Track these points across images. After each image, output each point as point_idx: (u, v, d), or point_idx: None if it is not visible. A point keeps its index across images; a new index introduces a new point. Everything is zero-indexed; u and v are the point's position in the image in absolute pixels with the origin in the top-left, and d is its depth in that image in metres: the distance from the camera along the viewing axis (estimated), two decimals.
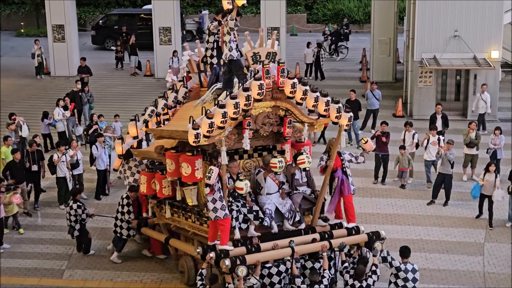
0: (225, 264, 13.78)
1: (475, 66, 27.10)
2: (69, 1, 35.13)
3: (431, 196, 20.64)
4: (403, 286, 13.84)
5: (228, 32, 14.84)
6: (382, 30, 32.75)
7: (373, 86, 26.63)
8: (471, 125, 22.06)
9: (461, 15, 27.17)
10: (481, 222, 19.33)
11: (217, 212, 14.14)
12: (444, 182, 20.40)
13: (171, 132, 15.29)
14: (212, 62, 15.93)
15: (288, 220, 15.31)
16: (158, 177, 16.03)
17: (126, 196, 17.32)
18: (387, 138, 21.73)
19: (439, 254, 17.62)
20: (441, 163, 20.37)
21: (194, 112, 15.15)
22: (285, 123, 15.08)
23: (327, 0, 48.38)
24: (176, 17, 34.60)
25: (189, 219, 15.79)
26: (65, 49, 35.14)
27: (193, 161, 14.65)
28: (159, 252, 17.53)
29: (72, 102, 25.82)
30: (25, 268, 17.33)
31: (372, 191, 21.42)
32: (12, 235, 19.07)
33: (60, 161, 20.36)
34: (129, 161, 17.54)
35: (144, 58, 35.80)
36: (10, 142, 21.26)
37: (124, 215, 17.23)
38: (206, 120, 13.78)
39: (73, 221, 17.45)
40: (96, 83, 32.54)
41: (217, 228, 14.45)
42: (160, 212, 16.81)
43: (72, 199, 17.74)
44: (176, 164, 15.11)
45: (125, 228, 17.25)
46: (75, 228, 17.52)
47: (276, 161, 14.91)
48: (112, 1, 49.19)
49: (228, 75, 15.29)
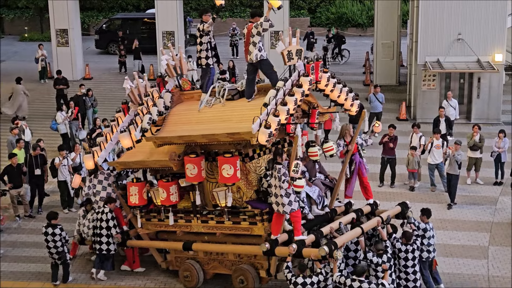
0: (324, 251, 13.88)
1: (478, 69, 27.07)
2: (73, 6, 35.21)
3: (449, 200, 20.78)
4: (427, 244, 15.42)
5: (258, 33, 14.96)
6: (386, 33, 32.77)
7: (377, 89, 26.64)
8: (474, 128, 22.06)
9: (465, 18, 27.17)
10: (485, 225, 19.30)
11: (292, 205, 14.41)
12: (450, 182, 20.44)
13: (193, 137, 14.95)
14: (208, 63, 15.92)
15: (317, 205, 15.92)
16: (164, 185, 15.76)
17: (109, 210, 16.53)
18: (394, 143, 21.79)
19: (443, 257, 17.57)
20: (449, 163, 20.41)
21: (200, 115, 15.40)
22: (314, 114, 15.55)
23: (330, 4, 48.41)
24: (179, 21, 34.65)
25: (211, 221, 15.70)
26: (68, 53, 35.19)
27: (235, 162, 14.75)
28: (137, 265, 17.19)
29: (75, 106, 25.87)
30: (29, 272, 17.36)
31: (376, 195, 21.31)
32: (16, 239, 19.11)
33: (62, 165, 20.41)
34: (97, 175, 16.91)
35: (147, 62, 35.85)
36: (22, 144, 21.32)
37: (111, 230, 16.50)
38: (274, 118, 14.04)
39: (59, 246, 16.23)
40: (99, 87, 32.58)
41: (281, 221, 14.76)
42: (149, 222, 16.52)
43: (50, 225, 16.25)
44: (198, 168, 15.10)
45: (112, 243, 16.59)
46: (65, 251, 16.42)
47: (315, 150, 15.82)
48: (116, 6, 49.26)
49: (252, 75, 15.43)
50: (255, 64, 15.20)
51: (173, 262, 16.80)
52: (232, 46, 40.23)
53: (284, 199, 14.35)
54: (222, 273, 16.37)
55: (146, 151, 16.18)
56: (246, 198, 15.33)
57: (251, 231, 15.34)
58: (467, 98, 28.25)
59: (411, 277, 14.84)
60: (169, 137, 15.35)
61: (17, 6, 48.73)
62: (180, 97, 16.49)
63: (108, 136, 16.77)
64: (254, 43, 15.01)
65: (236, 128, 14.45)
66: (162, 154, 15.82)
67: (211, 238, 16.08)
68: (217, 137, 14.69)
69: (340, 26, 44.90)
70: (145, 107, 15.72)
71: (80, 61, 35.71)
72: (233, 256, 15.99)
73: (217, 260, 16.25)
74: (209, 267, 16.39)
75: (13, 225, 19.95)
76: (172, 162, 15.24)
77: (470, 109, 28.03)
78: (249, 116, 14.41)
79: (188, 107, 16.12)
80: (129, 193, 16.36)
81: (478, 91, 27.67)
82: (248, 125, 14.14)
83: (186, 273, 16.32)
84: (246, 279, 15.67)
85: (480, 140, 21.88)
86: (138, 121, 15.60)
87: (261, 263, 15.64)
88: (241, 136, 14.31)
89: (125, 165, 16.60)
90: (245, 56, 15.42)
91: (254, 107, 14.84)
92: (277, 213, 14.61)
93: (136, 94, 16.54)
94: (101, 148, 16.71)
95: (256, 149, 15.46)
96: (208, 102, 15.74)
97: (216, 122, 15.14)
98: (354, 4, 47.78)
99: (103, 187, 16.93)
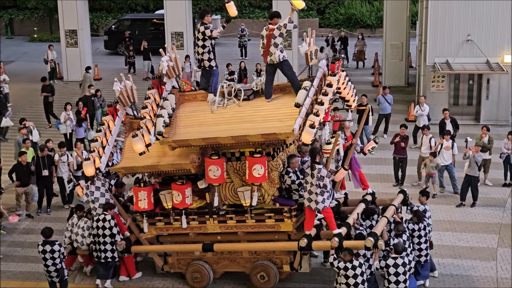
0: (371, 242, 14.59)
1: (488, 70, 27.00)
2: (82, 7, 35.31)
3: (459, 199, 20.82)
4: (427, 224, 16.20)
5: (281, 35, 15.25)
6: (395, 34, 32.71)
7: (385, 90, 26.59)
8: (483, 129, 22.02)
9: (474, 19, 27.09)
10: (494, 227, 19.24)
11: (325, 202, 14.79)
12: (471, 184, 20.49)
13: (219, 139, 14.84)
14: (211, 65, 16.07)
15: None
16: (179, 188, 15.53)
17: (111, 217, 16.23)
18: (405, 143, 21.84)
19: (451, 259, 17.54)
20: (468, 165, 20.45)
21: (215, 116, 15.51)
22: (329, 111, 15.74)
23: (339, 5, 48.36)
24: (188, 22, 34.67)
25: (230, 220, 15.72)
26: (77, 54, 35.30)
27: (264, 161, 14.90)
28: (135, 271, 16.98)
29: (84, 106, 25.95)
30: (38, 272, 17.38)
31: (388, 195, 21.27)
32: (25, 240, 19.17)
33: (61, 161, 20.69)
34: (94, 182, 16.51)
35: (157, 63, 35.81)
36: (28, 144, 21.46)
37: (115, 237, 16.21)
38: (316, 118, 14.31)
39: (58, 262, 15.47)
40: (108, 87, 32.53)
41: (314, 217, 15.13)
42: (152, 226, 16.23)
43: (47, 242, 15.48)
44: (222, 170, 15.12)
45: (117, 250, 16.31)
46: (63, 267, 15.65)
47: (329, 148, 16.31)
48: (125, 6, 49.35)
49: (272, 76, 15.60)
50: (276, 65, 15.43)
51: (175, 265, 16.71)
52: (240, 47, 40.23)
53: (319, 197, 14.70)
54: (233, 271, 16.44)
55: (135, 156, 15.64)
56: (268, 196, 15.50)
57: (277, 228, 15.53)
58: (476, 99, 28.17)
59: (424, 252, 15.94)
60: (190, 140, 15.02)
61: (27, 6, 48.91)
62: (180, 98, 16.44)
63: (103, 140, 16.19)
64: (276, 44, 15.29)
65: (271, 129, 14.61)
66: (171, 157, 15.58)
67: (224, 237, 16.06)
68: (250, 138, 14.71)
69: (349, 27, 44.83)
70: (150, 110, 15.54)
71: (89, 62, 35.74)
72: (248, 253, 16.09)
73: (229, 258, 16.31)
74: (218, 266, 16.44)
75: (21, 226, 19.99)
76: (193, 165, 15.14)
77: (479, 111, 27.95)
78: (273, 116, 14.88)
79: (195, 108, 16.08)
80: (137, 198, 15.89)
81: (487, 93, 27.59)
82: (277, 124, 14.60)
83: (196, 274, 16.32)
84: (268, 274, 15.98)
85: (489, 141, 21.84)
86: (149, 125, 15.29)
87: (280, 258, 15.97)
88: (277, 136, 14.49)
89: (131, 170, 15.94)
90: (264, 57, 15.57)
91: (275, 107, 15.16)
92: (309, 209, 14.89)
93: (126, 96, 16.40)
94: (99, 153, 16.03)
95: (275, 148, 15.58)
96: (221, 102, 15.77)
97: (237, 123, 15.24)
98: (363, 5, 47.71)
99: (101, 193, 16.56)
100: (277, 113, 14.99)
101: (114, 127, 16.41)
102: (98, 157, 15.91)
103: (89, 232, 16.56)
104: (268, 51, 15.32)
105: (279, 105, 15.25)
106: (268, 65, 15.52)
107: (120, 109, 16.56)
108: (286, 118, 14.82)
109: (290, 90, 15.64)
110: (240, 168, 15.51)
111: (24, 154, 20.56)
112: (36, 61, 38.55)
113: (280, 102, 15.44)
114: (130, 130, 16.60)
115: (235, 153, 15.50)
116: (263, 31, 15.49)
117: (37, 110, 30.19)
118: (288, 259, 16.00)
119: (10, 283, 16.99)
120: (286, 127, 14.43)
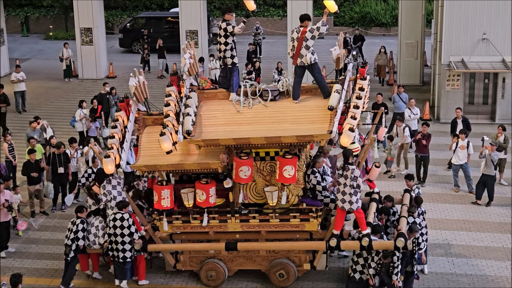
0: (402, 243, 14.76)
1: (503, 69, 26.86)
2: (97, 5, 35.44)
3: (475, 197, 20.77)
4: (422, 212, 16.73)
5: (313, 37, 15.49)
6: (410, 33, 32.61)
7: (400, 89, 26.50)
8: (499, 128, 21.93)
9: (490, 17, 26.96)
10: (509, 227, 19.16)
11: (358, 202, 15.00)
12: (487, 183, 20.43)
13: (251, 139, 14.81)
14: (234, 62, 16.11)
15: None
16: (204, 187, 15.39)
17: (129, 215, 15.98)
18: (427, 141, 21.82)
19: (466, 259, 17.48)
20: (485, 164, 20.41)
21: (241, 115, 15.58)
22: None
23: (354, 3, 48.25)
24: (203, 20, 34.72)
25: (253, 220, 15.73)
26: (93, 52, 35.47)
27: (295, 162, 15.04)
28: (143, 276, 16.71)
29: (99, 104, 26.01)
30: (52, 269, 17.50)
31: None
32: (40, 236, 19.26)
33: (72, 157, 21.10)
34: (110, 180, 16.32)
35: (171, 61, 35.96)
36: (34, 143, 21.41)
37: (133, 236, 16.00)
38: (353, 121, 14.63)
39: (70, 238, 16.05)
40: (123, 85, 32.64)
41: (344, 217, 15.35)
42: (170, 224, 16.07)
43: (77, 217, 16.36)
44: (251, 169, 15.21)
45: (134, 249, 16.16)
46: (72, 248, 16.18)
47: (357, 146, 16.53)
48: (140, 4, 49.47)
49: (301, 78, 15.82)
50: (306, 67, 15.63)
51: (187, 263, 16.65)
52: (255, 45, 40.18)
53: (353, 197, 14.87)
54: (248, 269, 16.50)
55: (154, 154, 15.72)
56: (293, 196, 15.56)
57: (302, 228, 15.67)
58: (492, 98, 28.03)
59: (424, 237, 16.28)
60: (221, 139, 14.93)
61: (42, 4, 49.12)
62: (199, 96, 16.36)
63: (120, 136, 15.88)
64: (307, 46, 15.53)
65: (304, 130, 14.76)
66: (193, 155, 15.53)
67: (242, 236, 16.06)
68: (284, 140, 14.82)
69: (363, 26, 44.68)
70: (173, 108, 15.43)
71: (104, 60, 35.93)
72: (265, 251, 16.16)
73: (244, 256, 16.33)
74: (233, 265, 16.46)
75: (36, 223, 20.00)
76: (222, 164, 15.13)
77: (494, 110, 27.82)
78: (303, 117, 15.08)
79: (217, 107, 16.01)
80: (159, 197, 15.66)
81: (503, 91, 27.45)
82: (309, 126, 14.77)
83: (211, 273, 16.33)
84: (287, 272, 16.10)
85: (504, 140, 21.75)
86: (174, 123, 15.11)
87: (298, 256, 16.10)
88: (313, 138, 14.73)
89: (154, 168, 15.70)
90: (294, 59, 15.74)
91: (303, 108, 15.33)
92: (341, 209, 15.03)
93: (140, 92, 16.39)
94: (118, 150, 15.67)
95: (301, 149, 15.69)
96: (245, 102, 15.85)
97: (266, 123, 15.31)
98: (378, 3, 47.57)
99: (118, 191, 16.39)
100: (307, 115, 15.17)
101: (129, 123, 16.25)
102: (118, 154, 15.58)
103: (104, 231, 16.43)
104: (299, 53, 15.51)
105: (306, 107, 15.42)
106: (297, 66, 15.72)
107: (133, 105, 16.45)
108: (317, 120, 15.02)
109: (315, 91, 15.86)
110: (264, 168, 15.61)
111: (33, 153, 20.71)
112: (52, 59, 38.78)
113: (308, 104, 15.63)
114: (143, 127, 16.62)
115: (259, 153, 15.54)
116: (294, 34, 15.68)
117: (52, 107, 30.34)
118: (307, 257, 16.09)
119: (25, 280, 17.01)
120: (321, 129, 14.61)
